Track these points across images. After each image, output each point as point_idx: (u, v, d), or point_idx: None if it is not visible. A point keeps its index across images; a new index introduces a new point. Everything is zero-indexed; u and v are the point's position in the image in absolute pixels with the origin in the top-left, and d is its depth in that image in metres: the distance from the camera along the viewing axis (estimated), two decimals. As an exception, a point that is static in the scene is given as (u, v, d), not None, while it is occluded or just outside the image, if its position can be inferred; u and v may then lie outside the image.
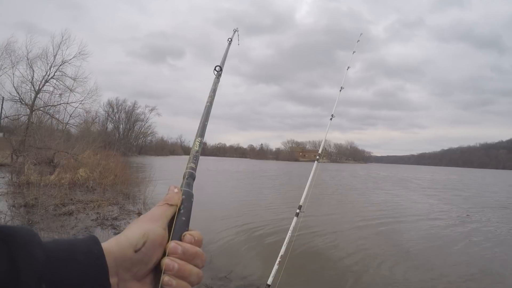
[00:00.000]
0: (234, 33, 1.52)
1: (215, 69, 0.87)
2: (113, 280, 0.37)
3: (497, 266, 5.30)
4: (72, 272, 0.34)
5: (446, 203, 13.18)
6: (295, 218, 2.72)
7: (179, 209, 0.46)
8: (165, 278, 0.40)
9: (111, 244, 0.39)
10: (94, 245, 0.37)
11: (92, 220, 6.43)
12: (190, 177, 0.52)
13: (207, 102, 0.74)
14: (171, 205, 0.45)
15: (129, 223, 6.48)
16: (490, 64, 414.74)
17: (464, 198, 15.40)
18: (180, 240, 0.43)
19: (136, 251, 0.39)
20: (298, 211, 2.76)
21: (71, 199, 7.99)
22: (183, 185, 0.50)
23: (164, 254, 0.41)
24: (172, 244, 0.41)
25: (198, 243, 0.44)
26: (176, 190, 0.48)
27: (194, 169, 0.55)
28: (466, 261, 5.53)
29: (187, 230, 0.44)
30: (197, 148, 0.59)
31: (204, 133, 0.65)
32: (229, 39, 1.33)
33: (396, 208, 11.25)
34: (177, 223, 0.44)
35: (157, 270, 0.41)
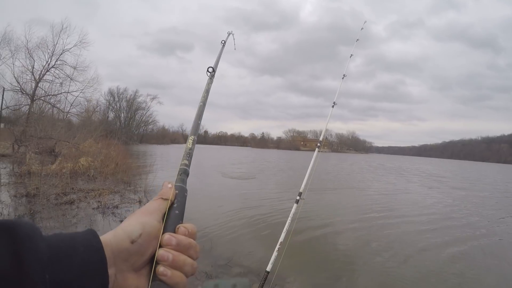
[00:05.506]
0: (228, 36, 1.48)
1: (207, 70, 0.86)
2: (111, 271, 0.39)
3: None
4: (73, 264, 0.35)
5: (453, 198, 13.17)
6: (295, 205, 2.70)
7: (173, 203, 0.48)
8: (160, 268, 0.41)
9: (108, 237, 0.41)
10: (93, 238, 0.39)
11: (93, 208, 6.47)
12: (184, 173, 0.55)
13: (200, 102, 0.76)
14: (165, 199, 0.47)
15: (129, 211, 6.50)
16: (487, 63, 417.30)
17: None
18: (175, 232, 0.45)
19: (132, 242, 0.41)
20: (298, 198, 2.73)
21: (72, 188, 8.03)
22: (177, 180, 0.53)
23: (159, 246, 0.43)
24: (167, 235, 0.43)
25: (192, 235, 0.46)
26: (170, 185, 0.50)
27: (188, 165, 0.57)
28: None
29: (181, 223, 0.46)
30: (190, 146, 0.61)
31: (198, 131, 0.67)
32: (223, 41, 1.30)
33: (394, 196, 11.30)
34: (171, 216, 0.46)
35: (153, 261, 0.43)
